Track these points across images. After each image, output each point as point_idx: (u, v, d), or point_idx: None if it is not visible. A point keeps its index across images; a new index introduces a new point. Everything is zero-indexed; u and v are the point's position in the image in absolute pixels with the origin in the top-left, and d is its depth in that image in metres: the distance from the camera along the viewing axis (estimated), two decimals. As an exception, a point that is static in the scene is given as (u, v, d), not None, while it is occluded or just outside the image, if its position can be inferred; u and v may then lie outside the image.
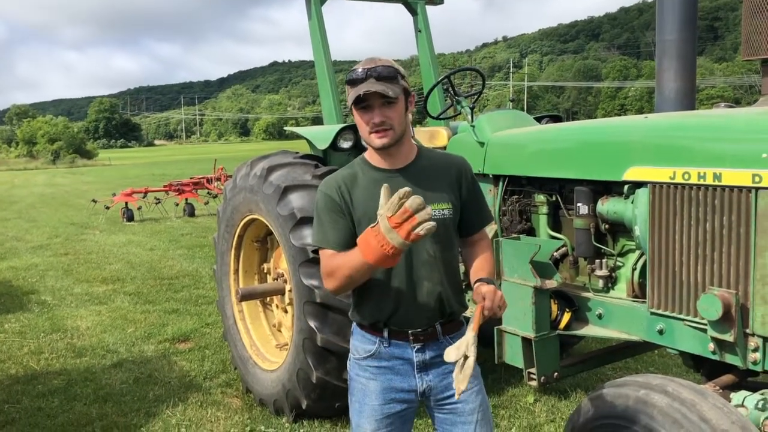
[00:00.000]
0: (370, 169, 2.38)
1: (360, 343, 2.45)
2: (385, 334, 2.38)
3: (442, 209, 2.33)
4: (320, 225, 2.38)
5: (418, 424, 4.20)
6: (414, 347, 2.37)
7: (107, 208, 16.22)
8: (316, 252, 3.91)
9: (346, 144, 4.37)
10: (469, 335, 2.09)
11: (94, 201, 17.16)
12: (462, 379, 2.03)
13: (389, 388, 2.39)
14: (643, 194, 3.07)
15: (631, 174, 3.12)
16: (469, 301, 3.28)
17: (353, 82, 2.26)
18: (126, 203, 16.22)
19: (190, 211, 16.86)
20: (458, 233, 2.46)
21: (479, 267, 2.40)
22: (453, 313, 2.41)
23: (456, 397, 2.08)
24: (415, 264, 2.33)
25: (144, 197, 16.90)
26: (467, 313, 2.45)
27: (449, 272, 2.39)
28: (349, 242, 2.29)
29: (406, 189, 1.95)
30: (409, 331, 2.36)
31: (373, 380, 2.40)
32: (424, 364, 2.38)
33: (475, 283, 2.30)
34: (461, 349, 2.06)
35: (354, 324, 2.50)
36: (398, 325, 2.36)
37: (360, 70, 2.26)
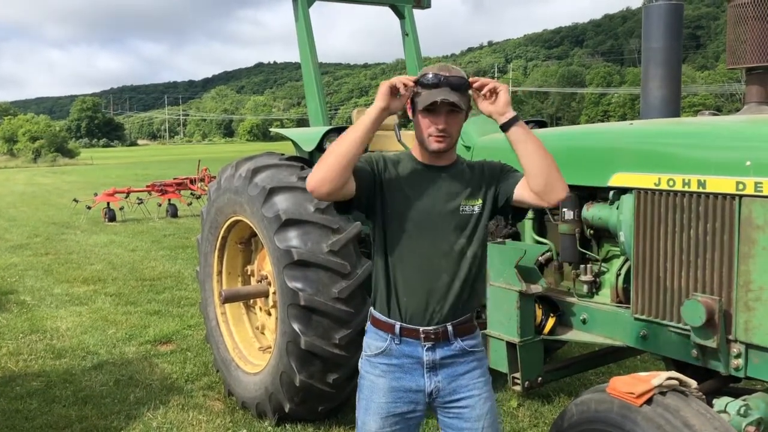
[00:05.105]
0: (415, 162, 2.43)
1: (372, 341, 2.46)
2: (397, 330, 2.38)
3: (472, 205, 2.40)
4: None
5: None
6: (425, 346, 2.38)
7: (89, 207, 16.05)
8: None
9: (332, 146, 4.35)
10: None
11: (76, 200, 16.97)
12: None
13: (397, 386, 2.40)
14: (628, 200, 3.09)
15: (617, 180, 3.14)
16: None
17: (426, 86, 2.30)
18: (108, 203, 16.04)
19: (173, 212, 16.74)
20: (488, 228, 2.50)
21: None
22: (466, 312, 2.43)
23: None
24: (436, 254, 2.36)
25: (126, 197, 16.72)
26: None
27: (472, 270, 2.41)
28: (362, 183, 2.30)
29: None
30: (421, 329, 2.36)
31: (382, 377, 2.41)
32: (433, 364, 2.39)
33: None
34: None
35: (368, 322, 2.51)
36: (411, 318, 2.37)
37: (432, 75, 2.29)
